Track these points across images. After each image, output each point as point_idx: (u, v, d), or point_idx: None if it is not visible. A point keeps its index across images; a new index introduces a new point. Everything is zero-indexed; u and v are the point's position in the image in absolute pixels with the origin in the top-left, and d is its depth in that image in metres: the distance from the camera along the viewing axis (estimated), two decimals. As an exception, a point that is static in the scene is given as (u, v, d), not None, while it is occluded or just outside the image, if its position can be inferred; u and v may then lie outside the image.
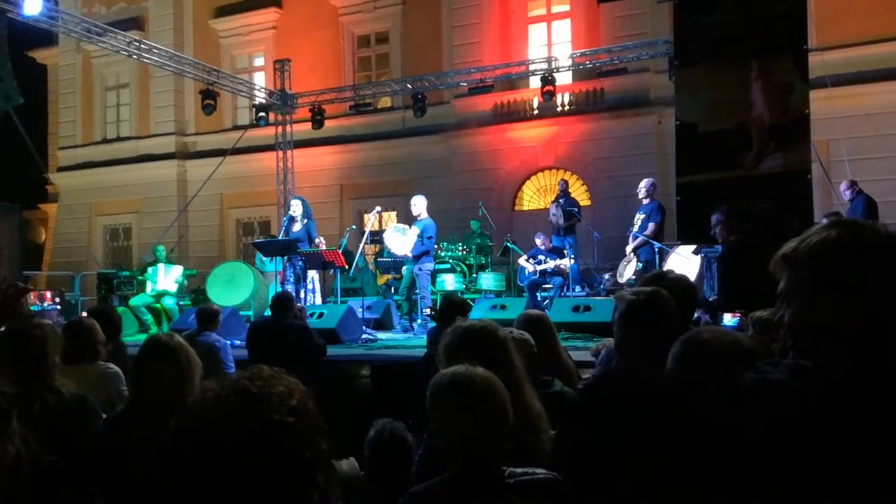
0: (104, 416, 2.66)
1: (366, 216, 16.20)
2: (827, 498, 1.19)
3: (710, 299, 5.25)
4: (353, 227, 14.43)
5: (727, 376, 1.44)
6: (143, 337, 9.30)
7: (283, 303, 5.80)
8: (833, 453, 1.19)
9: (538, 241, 10.16)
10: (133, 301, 10.53)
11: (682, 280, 2.84)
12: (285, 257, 9.48)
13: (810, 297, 1.31)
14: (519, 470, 1.75)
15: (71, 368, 3.48)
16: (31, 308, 6.16)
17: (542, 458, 1.95)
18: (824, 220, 1.56)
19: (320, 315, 8.22)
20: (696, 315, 5.13)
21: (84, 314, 6.25)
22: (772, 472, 1.24)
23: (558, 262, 9.76)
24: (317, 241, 9.56)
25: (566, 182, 12.27)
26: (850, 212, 8.97)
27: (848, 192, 9.02)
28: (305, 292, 9.70)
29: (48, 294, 6.72)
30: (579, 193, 14.52)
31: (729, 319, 4.44)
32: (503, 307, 8.57)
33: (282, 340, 5.40)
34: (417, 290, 9.17)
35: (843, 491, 1.18)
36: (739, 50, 7.01)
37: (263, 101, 14.63)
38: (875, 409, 1.19)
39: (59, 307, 6.78)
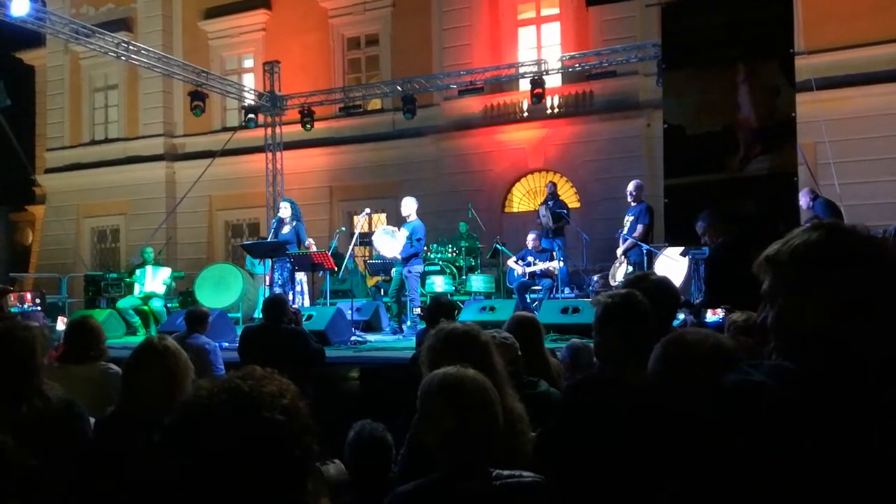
0: (97, 417, 2.66)
1: (355, 218, 16.16)
2: (809, 499, 1.20)
3: (695, 302, 5.30)
4: (343, 228, 14.41)
5: (709, 378, 1.45)
6: (130, 339, 9.30)
7: (276, 307, 5.48)
8: (814, 454, 1.20)
9: (530, 238, 10.16)
10: (121, 303, 10.49)
11: (664, 282, 2.87)
12: (273, 259, 9.46)
13: (792, 298, 1.32)
14: (506, 472, 1.77)
15: (74, 367, 3.49)
16: (12, 310, 6.09)
17: (522, 459, 1.96)
18: (806, 224, 1.57)
19: (309, 317, 8.20)
20: (681, 317, 5.18)
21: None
22: (754, 473, 1.25)
23: (547, 264, 9.79)
24: (307, 242, 9.54)
25: (555, 184, 12.30)
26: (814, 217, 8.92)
27: (804, 200, 8.96)
28: (294, 294, 9.69)
29: (28, 296, 6.66)
30: (568, 195, 14.57)
31: (710, 317, 4.48)
32: (492, 309, 8.60)
33: (276, 347, 5.13)
34: (407, 292, 9.17)
35: (825, 492, 1.19)
36: (726, 53, 7.06)
37: (253, 102, 14.61)
38: (855, 411, 1.21)
39: (39, 308, 6.72)
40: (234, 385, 1.11)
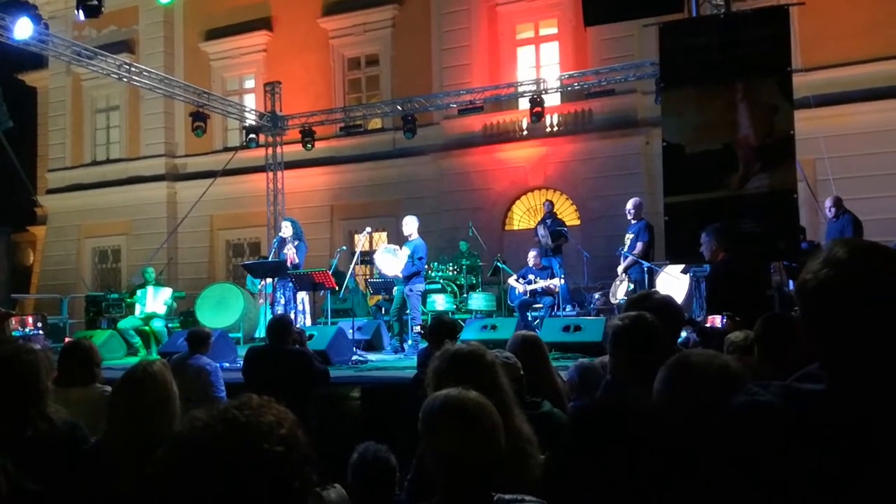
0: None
1: (356, 237, 16.18)
2: None
3: (698, 319, 5.30)
4: (344, 247, 14.42)
5: (715, 400, 1.45)
6: (131, 360, 9.27)
7: (280, 328, 5.46)
8: (822, 476, 1.20)
9: (531, 256, 10.15)
10: (121, 324, 10.47)
11: (667, 301, 2.88)
12: (274, 279, 9.46)
13: (811, 322, 1.32)
14: (507, 496, 1.74)
15: (68, 391, 3.47)
16: (14, 333, 6.07)
17: (530, 483, 1.95)
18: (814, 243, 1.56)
19: (310, 337, 8.18)
20: (684, 335, 5.17)
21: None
22: (763, 494, 1.25)
23: (548, 281, 9.79)
24: (291, 257, 9.46)
25: (552, 203, 12.33)
26: (838, 231, 8.97)
27: (832, 210, 9.04)
28: (296, 314, 9.68)
29: (30, 319, 6.63)
30: (569, 213, 14.60)
31: (708, 324, 4.48)
32: (494, 327, 8.58)
33: (281, 368, 5.12)
34: (408, 311, 9.16)
35: None
36: (724, 72, 7.10)
37: (254, 122, 14.68)
38: (862, 432, 1.20)
39: (41, 332, 6.69)
40: (231, 416, 1.08)
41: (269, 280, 9.77)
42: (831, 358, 1.29)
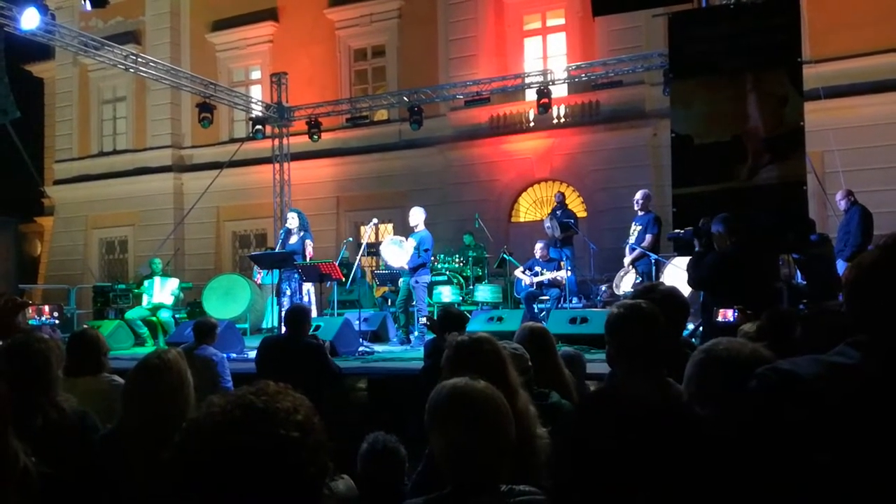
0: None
1: (363, 228, 16.23)
2: (832, 481, 1.20)
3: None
4: (350, 238, 14.44)
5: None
6: (139, 350, 9.31)
7: (298, 318, 5.35)
8: (852, 445, 1.20)
9: (538, 248, 10.11)
10: (129, 314, 10.51)
11: (673, 292, 2.87)
12: (280, 270, 9.46)
13: (870, 303, 1.35)
14: (517, 488, 1.71)
15: (76, 380, 3.48)
16: (30, 322, 6.10)
17: (537, 467, 1.93)
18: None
19: (317, 328, 8.21)
20: (690, 327, 5.16)
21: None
22: (784, 465, 1.25)
23: (555, 273, 9.76)
24: (308, 251, 9.51)
25: (563, 194, 12.29)
26: (845, 223, 8.96)
27: (844, 202, 9.02)
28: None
29: (46, 308, 6.66)
30: (575, 205, 14.55)
31: (720, 318, 4.47)
32: (500, 319, 8.58)
33: (295, 361, 5.02)
34: (414, 303, 9.16)
35: (848, 475, 1.19)
36: (734, 63, 7.06)
37: (260, 114, 14.67)
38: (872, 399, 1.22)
39: (57, 321, 6.72)
40: (248, 401, 1.08)
41: (261, 273, 9.79)
42: (873, 335, 1.31)
